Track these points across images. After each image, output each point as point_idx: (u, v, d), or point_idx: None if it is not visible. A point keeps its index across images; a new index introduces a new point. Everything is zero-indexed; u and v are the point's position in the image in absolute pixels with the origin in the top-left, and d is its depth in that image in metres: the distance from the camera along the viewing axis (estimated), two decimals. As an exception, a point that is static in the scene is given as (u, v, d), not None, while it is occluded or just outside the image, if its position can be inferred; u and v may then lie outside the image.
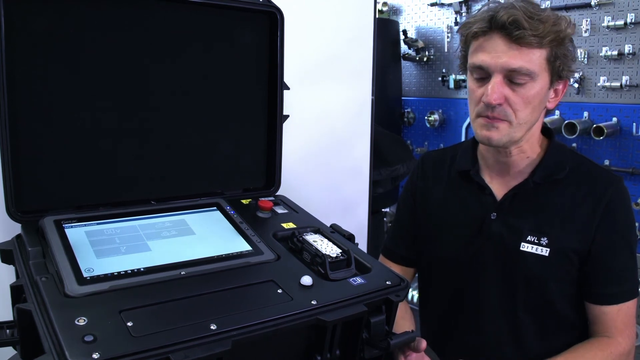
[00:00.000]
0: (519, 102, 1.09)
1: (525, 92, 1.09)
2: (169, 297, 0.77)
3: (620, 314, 1.17)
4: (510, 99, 1.09)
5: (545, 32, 1.05)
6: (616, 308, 1.16)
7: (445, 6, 3.02)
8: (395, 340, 0.86)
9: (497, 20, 1.07)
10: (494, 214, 1.22)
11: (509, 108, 1.10)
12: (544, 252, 1.17)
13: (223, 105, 1.15)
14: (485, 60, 1.09)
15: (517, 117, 1.10)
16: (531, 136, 1.19)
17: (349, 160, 1.68)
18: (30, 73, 0.93)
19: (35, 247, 0.86)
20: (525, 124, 1.12)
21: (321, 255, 0.90)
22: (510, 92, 1.09)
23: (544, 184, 1.19)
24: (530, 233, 1.18)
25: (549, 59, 1.09)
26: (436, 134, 3.16)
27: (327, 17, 1.54)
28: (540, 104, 1.13)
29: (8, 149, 0.90)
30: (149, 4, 1.03)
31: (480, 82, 1.12)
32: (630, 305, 1.18)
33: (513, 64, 1.06)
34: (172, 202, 1.08)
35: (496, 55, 1.07)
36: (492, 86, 1.08)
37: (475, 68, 1.12)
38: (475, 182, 1.26)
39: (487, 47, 1.09)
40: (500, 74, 1.08)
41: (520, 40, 1.05)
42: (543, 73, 1.09)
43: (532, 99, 1.10)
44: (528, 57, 1.07)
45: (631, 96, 2.34)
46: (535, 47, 1.06)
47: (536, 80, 1.09)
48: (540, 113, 1.16)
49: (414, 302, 3.15)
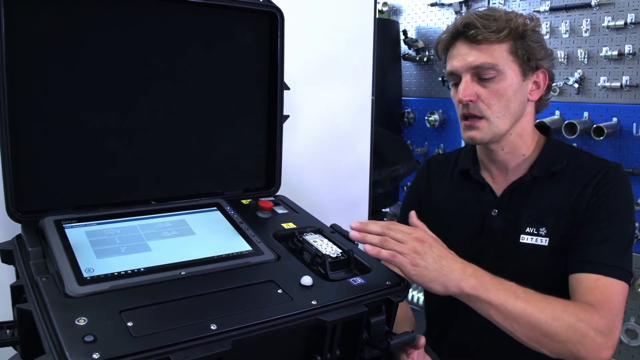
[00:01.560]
0: (491, 96, 1.16)
1: (494, 85, 1.15)
2: (169, 297, 0.77)
3: (599, 284, 1.05)
4: (481, 95, 1.16)
5: (500, 28, 1.13)
6: (593, 277, 1.06)
7: (445, 6, 3.01)
8: (395, 340, 0.86)
9: (456, 28, 1.18)
10: (494, 210, 1.23)
11: (482, 104, 1.16)
12: (543, 242, 1.17)
13: (223, 105, 1.15)
14: (454, 64, 1.18)
15: (492, 111, 1.16)
16: (522, 131, 1.21)
17: (349, 160, 1.68)
18: (30, 73, 0.93)
19: (36, 247, 0.86)
20: (504, 117, 1.17)
21: (321, 256, 0.90)
22: (481, 88, 1.16)
23: (542, 177, 1.21)
24: (529, 224, 1.19)
25: (512, 51, 1.15)
26: (436, 134, 3.16)
27: (327, 17, 1.54)
28: (515, 95, 1.16)
29: (8, 149, 0.90)
30: (149, 4, 1.03)
31: (456, 88, 1.20)
32: (612, 282, 1.06)
33: (475, 61, 1.15)
34: (172, 202, 1.08)
35: (461, 58, 1.17)
36: (462, 85, 1.16)
37: (450, 75, 1.21)
38: (475, 180, 1.28)
39: (454, 54, 1.19)
40: (468, 73, 1.16)
41: (476, 38, 1.14)
42: (510, 65, 1.15)
43: (504, 92, 1.15)
44: (489, 53, 1.14)
45: (631, 96, 2.34)
46: (494, 42, 1.14)
47: (504, 73, 1.14)
48: (520, 105, 1.18)
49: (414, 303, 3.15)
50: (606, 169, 1.16)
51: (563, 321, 0.96)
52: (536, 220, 1.18)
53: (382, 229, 0.93)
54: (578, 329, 0.96)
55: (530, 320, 0.95)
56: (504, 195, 1.23)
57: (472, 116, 1.17)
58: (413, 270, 0.90)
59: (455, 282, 0.92)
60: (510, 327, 0.96)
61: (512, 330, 0.97)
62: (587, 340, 0.96)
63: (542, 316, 0.95)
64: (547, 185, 1.20)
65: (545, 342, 0.97)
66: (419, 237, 0.94)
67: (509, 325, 0.96)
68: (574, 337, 0.96)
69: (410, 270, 0.90)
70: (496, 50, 1.14)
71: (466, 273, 0.94)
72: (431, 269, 0.91)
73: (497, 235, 1.22)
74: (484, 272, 0.96)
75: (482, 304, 0.95)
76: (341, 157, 1.65)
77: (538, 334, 0.96)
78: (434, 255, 0.92)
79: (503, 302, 0.94)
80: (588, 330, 0.96)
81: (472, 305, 0.96)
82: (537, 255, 1.17)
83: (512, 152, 1.22)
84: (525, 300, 0.95)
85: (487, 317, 0.96)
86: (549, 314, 0.95)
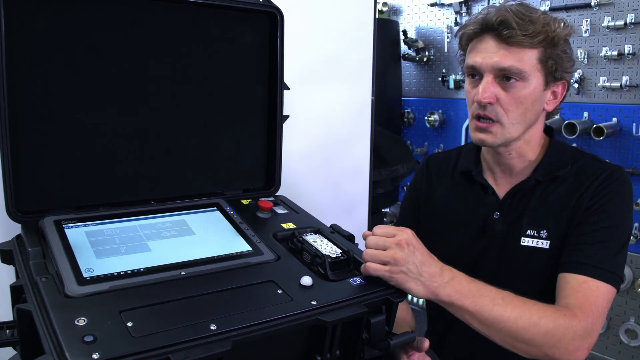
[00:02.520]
0: (510, 101, 1.11)
1: (516, 92, 1.10)
2: (169, 298, 0.77)
3: (584, 287, 1.04)
4: (501, 99, 1.11)
5: (536, 33, 1.07)
6: (580, 279, 1.05)
7: (445, 6, 3.01)
8: (395, 340, 0.86)
9: (488, 22, 1.10)
10: (497, 213, 1.22)
11: (500, 108, 1.11)
12: (544, 244, 1.16)
13: (223, 106, 1.15)
14: (477, 60, 1.12)
15: (508, 117, 1.12)
16: (531, 138, 1.19)
17: (349, 160, 1.68)
18: (30, 73, 0.93)
19: (35, 247, 0.86)
20: (519, 124, 1.13)
21: (321, 256, 0.90)
22: (502, 91, 1.10)
23: (545, 180, 1.20)
24: (529, 227, 1.18)
25: (541, 60, 1.10)
26: (436, 134, 3.16)
27: (327, 17, 1.54)
28: (534, 104, 1.13)
29: (8, 149, 0.90)
30: (149, 4, 1.03)
31: (474, 83, 1.15)
32: (599, 286, 1.05)
33: (503, 63, 1.08)
34: (172, 203, 1.08)
35: (487, 55, 1.10)
36: (483, 85, 1.10)
37: (469, 69, 1.15)
38: (478, 182, 1.27)
39: (479, 48, 1.12)
40: (491, 73, 1.10)
41: (509, 40, 1.08)
42: (535, 73, 1.10)
43: (524, 99, 1.11)
44: (518, 57, 1.08)
45: (631, 96, 2.34)
46: (526, 47, 1.08)
47: (528, 80, 1.10)
48: (536, 115, 1.16)
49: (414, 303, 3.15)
50: (607, 173, 1.15)
51: (540, 328, 0.96)
52: (537, 222, 1.18)
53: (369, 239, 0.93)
54: (554, 334, 0.96)
55: (507, 327, 0.95)
56: (506, 198, 1.22)
57: (486, 118, 1.13)
58: (390, 278, 0.89)
59: (432, 289, 0.92)
60: (487, 331, 0.97)
61: (488, 334, 0.97)
62: (563, 344, 0.97)
63: (519, 323, 0.95)
64: (549, 188, 1.19)
65: (521, 346, 0.98)
66: (402, 241, 0.92)
67: (486, 330, 0.97)
68: (550, 341, 0.96)
69: (388, 278, 0.89)
70: (526, 55, 1.08)
71: (443, 280, 0.93)
72: (410, 274, 0.90)
73: (498, 237, 1.21)
74: (462, 278, 0.96)
75: (458, 310, 0.95)
76: (341, 157, 1.65)
77: (514, 339, 0.97)
78: (415, 260, 0.91)
79: (479, 310, 0.94)
80: (565, 335, 0.97)
81: (449, 310, 0.96)
82: (538, 258, 1.16)
83: (519, 157, 1.20)
84: (502, 306, 0.95)
85: (464, 321, 0.97)
86: (527, 320, 0.96)
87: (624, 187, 1.15)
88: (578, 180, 1.17)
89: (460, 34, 1.18)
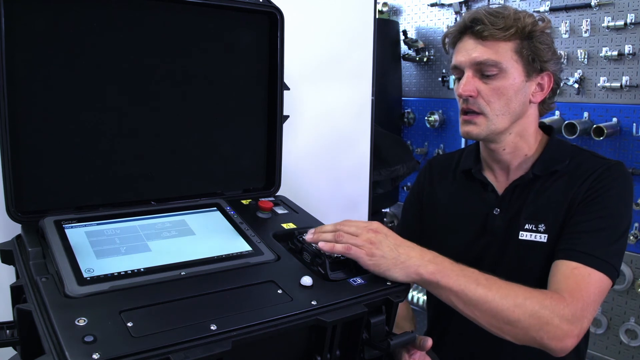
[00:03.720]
0: (491, 93, 1.15)
1: (496, 83, 1.15)
2: (169, 298, 0.77)
3: (575, 274, 1.04)
4: (482, 92, 1.16)
5: (508, 26, 1.13)
6: (572, 265, 1.05)
7: (445, 6, 3.01)
8: (395, 340, 0.86)
9: (464, 23, 1.18)
10: (497, 209, 1.23)
11: (482, 100, 1.16)
12: (542, 238, 1.17)
13: (223, 106, 1.15)
14: (458, 58, 1.18)
15: (491, 109, 1.16)
16: (524, 131, 1.20)
17: (349, 160, 1.68)
18: (30, 73, 0.93)
19: (35, 247, 0.86)
20: (503, 115, 1.16)
21: (321, 256, 0.90)
22: (482, 84, 1.16)
23: (543, 175, 1.20)
24: (528, 221, 1.19)
25: (517, 51, 1.14)
26: (436, 134, 3.16)
27: (327, 17, 1.54)
28: (517, 95, 1.16)
29: (8, 149, 0.90)
30: (149, 4, 1.03)
31: (459, 82, 1.20)
32: (591, 273, 1.04)
33: (479, 57, 1.14)
34: (172, 203, 1.08)
35: (466, 53, 1.17)
36: (463, 79, 1.17)
37: (454, 70, 1.21)
38: (477, 180, 1.28)
39: (460, 49, 1.19)
40: (471, 68, 1.16)
41: (483, 34, 1.14)
42: (514, 65, 1.15)
43: (505, 90, 1.15)
44: (493, 50, 1.14)
45: (631, 96, 2.34)
46: (500, 39, 1.14)
47: (507, 71, 1.14)
48: (521, 106, 1.17)
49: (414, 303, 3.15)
50: (607, 166, 1.16)
51: (525, 308, 0.94)
52: (535, 216, 1.18)
53: (335, 227, 0.93)
54: (541, 315, 0.94)
55: (492, 307, 0.94)
56: (505, 194, 1.24)
57: (470, 111, 1.17)
58: (369, 260, 0.89)
59: (414, 269, 0.91)
60: (472, 313, 0.95)
61: (474, 317, 0.96)
62: (551, 328, 0.95)
63: (503, 303, 0.93)
64: (548, 182, 1.20)
65: (507, 329, 0.95)
66: (373, 228, 0.93)
67: (470, 312, 0.95)
68: (536, 324, 0.94)
69: (367, 260, 0.89)
70: (501, 48, 1.14)
71: (424, 259, 0.93)
72: (388, 257, 0.90)
73: (498, 233, 1.22)
74: (444, 259, 0.95)
75: (442, 290, 0.94)
76: (341, 157, 1.65)
77: (500, 321, 0.95)
78: (389, 243, 0.91)
79: (463, 289, 0.93)
80: (552, 318, 0.95)
81: (433, 291, 0.95)
82: (537, 252, 1.17)
83: (513, 152, 1.22)
84: (486, 287, 0.94)
85: (449, 303, 0.95)
86: (511, 300, 0.94)
87: (622, 180, 1.15)
88: (576, 174, 1.18)
89: (443, 40, 1.26)
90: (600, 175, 1.14)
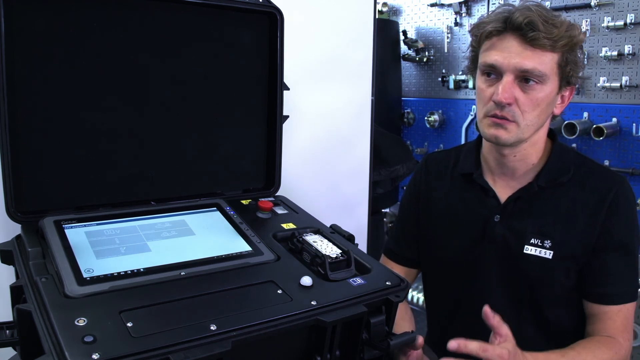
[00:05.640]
0: (528, 103, 1.10)
1: (535, 94, 1.10)
2: (168, 298, 0.77)
3: (620, 315, 1.16)
4: (519, 100, 1.10)
5: (559, 37, 1.07)
6: (616, 309, 1.16)
7: (445, 7, 3.01)
8: (395, 340, 0.86)
9: (512, 21, 1.08)
10: (497, 216, 1.22)
11: (517, 109, 1.10)
12: (547, 254, 1.16)
13: (223, 106, 1.15)
14: (498, 59, 1.10)
15: (524, 119, 1.11)
16: (537, 141, 1.19)
17: (349, 160, 1.68)
18: (30, 73, 0.93)
19: (35, 247, 0.86)
20: (532, 126, 1.13)
21: (321, 256, 0.90)
22: (521, 93, 1.10)
23: (548, 187, 1.19)
24: (534, 236, 1.18)
25: (560, 64, 1.10)
26: (436, 134, 3.16)
27: (327, 17, 1.53)
28: (548, 107, 1.14)
29: (8, 149, 0.90)
30: (148, 4, 1.03)
31: (490, 82, 1.13)
32: (629, 307, 1.17)
33: (526, 64, 1.07)
34: (172, 203, 1.08)
35: (509, 55, 1.08)
36: (504, 85, 1.09)
37: (487, 67, 1.13)
38: (478, 184, 1.26)
39: (500, 47, 1.10)
40: (512, 74, 1.09)
41: (534, 42, 1.07)
42: (553, 77, 1.11)
43: (541, 102, 1.11)
44: (540, 60, 1.08)
45: (631, 97, 2.34)
46: (548, 50, 1.08)
47: (546, 83, 1.10)
48: (546, 117, 1.17)
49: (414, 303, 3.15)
50: (616, 189, 1.17)
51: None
52: (541, 232, 1.18)
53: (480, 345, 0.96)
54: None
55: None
56: (508, 203, 1.22)
57: (502, 117, 1.11)
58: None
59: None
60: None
61: None
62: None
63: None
64: (554, 196, 1.19)
65: None
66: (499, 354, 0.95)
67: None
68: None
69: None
70: (547, 58, 1.08)
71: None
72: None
73: (498, 241, 1.21)
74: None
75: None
76: (341, 157, 1.65)
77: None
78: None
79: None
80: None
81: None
82: (540, 267, 1.17)
83: (523, 159, 1.20)
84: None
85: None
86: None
87: (633, 203, 1.20)
88: (586, 192, 1.18)
89: (477, 30, 1.16)
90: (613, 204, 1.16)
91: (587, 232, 1.16)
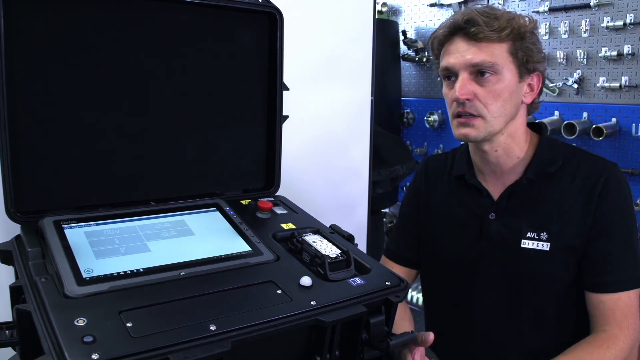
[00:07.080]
0: (488, 95, 1.14)
1: (492, 85, 1.14)
2: (168, 298, 0.77)
3: (620, 304, 1.14)
4: (478, 94, 1.14)
5: (502, 27, 1.12)
6: (615, 297, 1.14)
7: (444, 7, 3.02)
8: (395, 341, 0.86)
9: (456, 24, 1.15)
10: (492, 214, 1.23)
11: (479, 103, 1.14)
12: (544, 247, 1.17)
13: (223, 106, 1.15)
14: (451, 61, 1.16)
15: (489, 111, 1.15)
16: (514, 133, 1.20)
17: (348, 160, 1.68)
18: (30, 73, 0.93)
19: (35, 247, 0.86)
20: (500, 117, 1.16)
21: (321, 256, 0.90)
22: (478, 87, 1.14)
23: (538, 179, 1.20)
24: (530, 229, 1.19)
25: (511, 52, 1.14)
26: (435, 134, 3.17)
27: (327, 17, 1.54)
28: (512, 97, 1.16)
29: (8, 149, 0.90)
30: (148, 4, 1.03)
31: (451, 85, 1.19)
32: (630, 295, 1.15)
33: (475, 59, 1.13)
34: (171, 203, 1.08)
35: (459, 54, 1.14)
36: (459, 82, 1.14)
37: (444, 71, 1.19)
38: (472, 185, 1.28)
39: (451, 50, 1.17)
40: (466, 71, 1.14)
41: (478, 36, 1.12)
42: (508, 66, 1.14)
43: (501, 92, 1.14)
44: (489, 51, 1.13)
45: (630, 97, 2.35)
46: (494, 41, 1.13)
47: (501, 73, 1.13)
48: (515, 107, 1.18)
49: (413, 303, 3.15)
50: (606, 175, 1.17)
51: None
52: (537, 225, 1.18)
53: None
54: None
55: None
56: (501, 199, 1.23)
57: (467, 114, 1.16)
58: None
59: None
60: None
61: None
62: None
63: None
64: (546, 188, 1.20)
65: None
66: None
67: None
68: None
69: None
70: (496, 50, 1.13)
71: None
72: None
73: (495, 239, 1.22)
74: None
75: None
76: (340, 157, 1.65)
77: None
78: None
79: None
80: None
81: None
82: (539, 260, 1.17)
83: (505, 153, 1.21)
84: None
85: None
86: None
87: (625, 187, 1.19)
88: (577, 181, 1.18)
89: (431, 40, 1.23)
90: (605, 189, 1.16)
91: (582, 221, 1.16)
